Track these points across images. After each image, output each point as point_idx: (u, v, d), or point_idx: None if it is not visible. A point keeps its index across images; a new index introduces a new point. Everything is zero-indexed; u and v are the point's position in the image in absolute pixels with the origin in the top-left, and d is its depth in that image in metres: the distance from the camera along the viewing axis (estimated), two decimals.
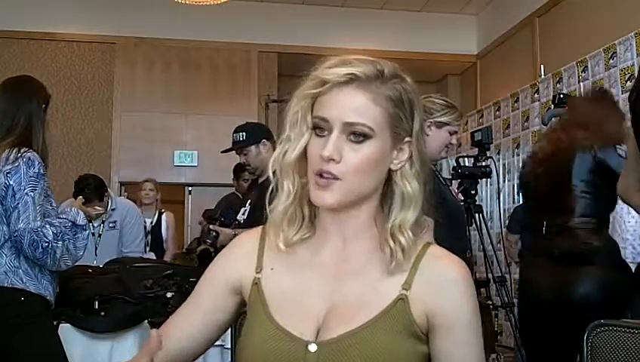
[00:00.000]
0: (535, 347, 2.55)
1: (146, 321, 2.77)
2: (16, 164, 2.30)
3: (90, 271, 3.10)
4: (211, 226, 3.36)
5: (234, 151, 3.51)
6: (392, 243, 1.08)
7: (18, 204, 2.28)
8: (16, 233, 2.27)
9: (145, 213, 4.95)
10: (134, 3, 6.95)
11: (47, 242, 2.29)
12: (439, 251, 1.13)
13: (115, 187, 6.75)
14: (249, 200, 3.46)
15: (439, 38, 7.47)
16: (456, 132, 2.85)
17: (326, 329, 1.05)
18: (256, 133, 3.40)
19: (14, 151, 2.33)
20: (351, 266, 1.10)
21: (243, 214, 3.48)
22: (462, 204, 3.28)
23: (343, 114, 1.05)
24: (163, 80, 7.20)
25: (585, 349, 1.33)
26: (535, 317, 2.50)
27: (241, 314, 1.20)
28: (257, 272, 1.14)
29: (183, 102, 7.11)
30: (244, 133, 3.38)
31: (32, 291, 2.32)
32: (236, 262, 1.17)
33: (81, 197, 2.99)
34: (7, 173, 2.30)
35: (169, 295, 2.95)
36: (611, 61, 4.91)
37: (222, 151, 3.69)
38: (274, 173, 1.12)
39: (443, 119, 2.79)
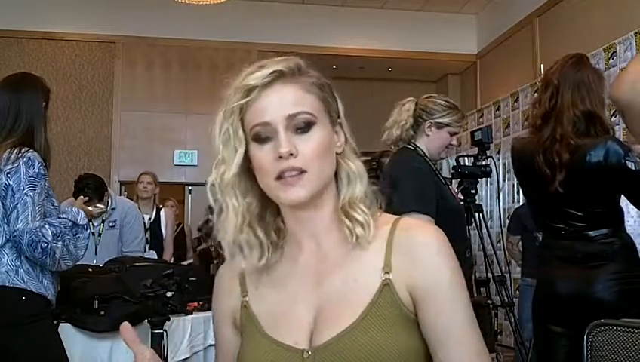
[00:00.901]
0: (550, 346, 2.53)
1: (146, 321, 2.77)
2: (16, 164, 2.30)
3: (90, 270, 3.10)
4: (210, 217, 3.35)
5: None
6: (347, 222, 1.08)
7: (17, 204, 2.27)
8: (15, 233, 2.26)
9: (142, 209, 4.80)
10: (134, 2, 6.95)
11: (46, 242, 2.28)
12: (409, 221, 1.11)
13: (115, 186, 6.76)
14: None
15: (439, 37, 7.47)
16: (456, 133, 2.84)
17: (318, 334, 1.05)
18: None
19: (15, 151, 2.33)
20: (329, 263, 1.10)
21: None
22: (462, 203, 3.28)
23: (282, 110, 1.04)
24: (163, 79, 7.20)
25: (585, 349, 1.33)
26: (554, 317, 2.48)
27: None
28: (244, 296, 1.14)
29: (183, 101, 7.12)
30: None
31: (33, 290, 2.31)
32: (224, 298, 1.18)
33: (82, 196, 2.97)
34: (8, 173, 2.30)
35: (169, 294, 2.94)
36: (611, 60, 4.91)
37: None
38: (215, 200, 1.09)
39: (444, 120, 2.78)
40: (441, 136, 2.79)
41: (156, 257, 4.54)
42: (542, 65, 5.99)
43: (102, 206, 3.77)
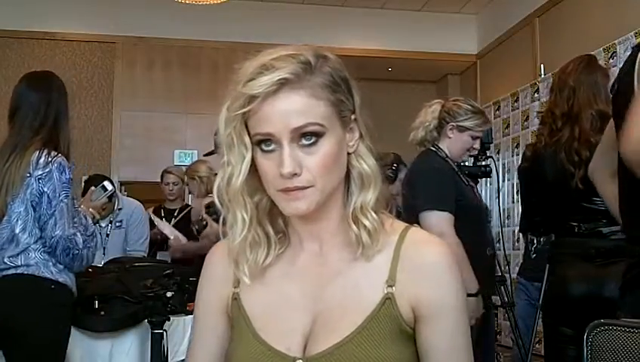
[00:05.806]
0: (560, 350, 2.53)
1: (146, 321, 2.77)
2: (47, 169, 2.36)
3: (90, 270, 3.11)
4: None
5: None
6: (355, 229, 1.03)
7: (54, 211, 2.35)
8: (53, 239, 2.35)
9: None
10: (134, 2, 6.94)
11: (77, 250, 2.40)
12: (418, 234, 1.07)
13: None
14: None
15: (439, 37, 7.46)
16: (479, 137, 2.92)
17: (313, 342, 1.01)
18: None
19: (44, 154, 2.37)
20: (330, 269, 1.06)
21: None
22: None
23: (287, 121, 0.96)
24: (163, 79, 7.19)
25: (585, 349, 1.33)
26: (565, 319, 2.48)
27: None
28: (235, 287, 1.09)
29: (183, 101, 7.11)
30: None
31: (61, 281, 2.41)
32: (216, 283, 1.13)
33: (92, 188, 2.99)
34: (39, 178, 2.34)
35: (169, 294, 2.94)
36: (611, 60, 4.91)
37: (204, 155, 3.56)
38: (221, 202, 1.04)
39: (465, 124, 2.87)
40: (463, 140, 2.89)
41: None
42: (542, 66, 5.99)
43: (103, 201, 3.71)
